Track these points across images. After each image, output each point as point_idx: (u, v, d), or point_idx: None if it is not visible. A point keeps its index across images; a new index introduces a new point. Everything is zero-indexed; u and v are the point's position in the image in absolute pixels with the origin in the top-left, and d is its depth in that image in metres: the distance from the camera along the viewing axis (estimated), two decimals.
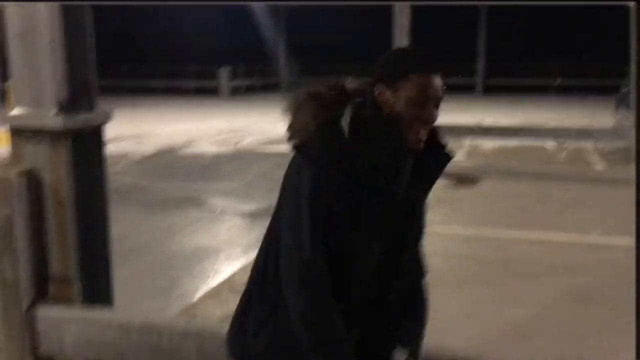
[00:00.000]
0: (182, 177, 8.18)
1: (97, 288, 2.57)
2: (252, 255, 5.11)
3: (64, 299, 2.49)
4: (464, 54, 23.88)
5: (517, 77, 23.90)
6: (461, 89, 22.83)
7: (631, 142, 9.41)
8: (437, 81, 1.41)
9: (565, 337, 3.38)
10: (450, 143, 1.54)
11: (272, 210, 1.54)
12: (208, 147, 10.87)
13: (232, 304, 4.00)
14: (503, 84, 23.58)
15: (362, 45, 24.20)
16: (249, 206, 6.48)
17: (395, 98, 1.40)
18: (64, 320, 2.43)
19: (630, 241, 5.22)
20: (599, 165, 8.87)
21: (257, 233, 5.50)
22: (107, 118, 2.66)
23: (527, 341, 3.34)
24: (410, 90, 1.39)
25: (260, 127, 13.67)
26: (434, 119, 1.43)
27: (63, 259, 2.49)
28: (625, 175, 8.37)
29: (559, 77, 23.99)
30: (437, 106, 1.43)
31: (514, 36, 24.46)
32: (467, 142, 10.61)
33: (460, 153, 9.98)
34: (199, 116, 15.90)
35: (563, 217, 5.96)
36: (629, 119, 10.39)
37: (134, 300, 3.95)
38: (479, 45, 24.62)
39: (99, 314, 2.44)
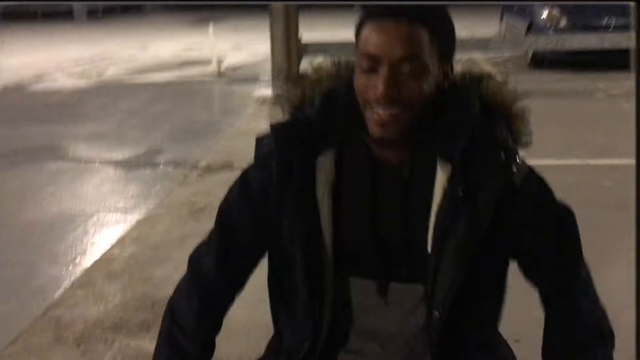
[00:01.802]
0: (35, 120, 6.74)
1: None
2: (132, 219, 4.05)
3: None
4: None
5: None
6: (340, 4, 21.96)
7: (523, 50, 9.19)
8: (395, 30, 0.98)
9: None
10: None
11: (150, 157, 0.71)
12: (65, 81, 9.26)
13: (110, 295, 3.06)
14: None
15: None
16: (122, 153, 5.34)
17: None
18: None
19: (575, 161, 4.71)
20: (498, 76, 8.52)
21: (135, 188, 4.47)
22: None
23: None
24: (358, 52, 1.03)
25: (125, 54, 12.04)
26: (385, 91, 0.98)
27: None
28: (529, 85, 8.08)
29: None
30: (396, 71, 0.98)
31: None
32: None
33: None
34: (51, 44, 13.80)
35: None
36: (516, 26, 10.15)
37: None
38: None
39: None
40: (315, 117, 1.10)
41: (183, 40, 13.64)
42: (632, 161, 5.18)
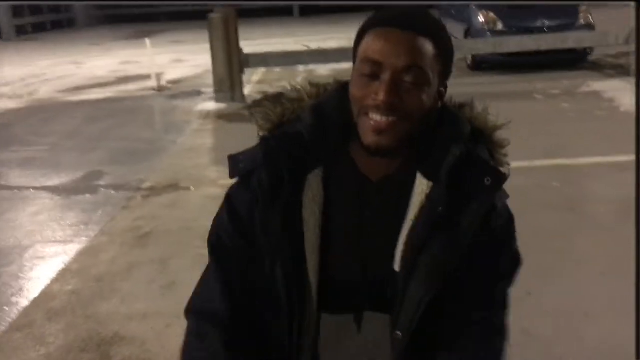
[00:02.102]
0: None
1: None
2: (73, 249, 3.78)
3: None
4: None
5: None
6: (279, 12, 21.92)
7: (463, 54, 9.32)
8: (401, 38, 0.96)
9: None
10: (284, 72, 0.85)
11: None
12: None
13: (52, 336, 2.83)
14: (320, 3, 23.05)
15: None
16: (59, 178, 5.05)
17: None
18: None
19: (522, 163, 4.74)
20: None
21: (74, 216, 4.23)
22: None
23: None
24: (359, 57, 1.00)
25: (59, 71, 11.56)
26: (386, 97, 0.95)
27: None
28: (468, 89, 8.19)
29: None
30: (399, 79, 0.96)
31: None
32: (301, 68, 9.83)
33: (300, 80, 9.18)
34: None
35: None
36: (454, 30, 10.30)
37: None
38: None
39: None
40: (306, 132, 1.05)
41: (120, 55, 13.23)
42: (577, 161, 5.27)
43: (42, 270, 3.41)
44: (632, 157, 5.26)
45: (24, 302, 3.06)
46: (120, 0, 21.62)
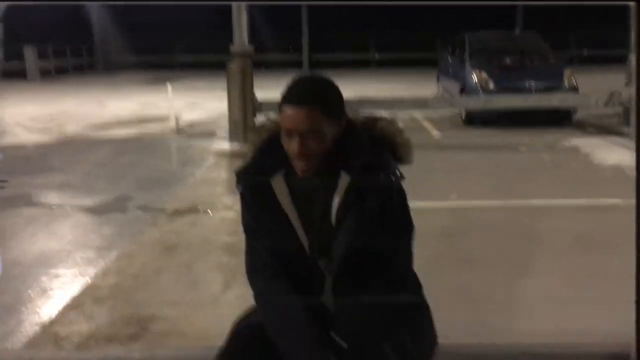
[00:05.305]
0: (3, 172, 7.07)
1: None
2: (111, 255, 4.47)
3: None
4: (289, 30, 24.02)
5: (339, 52, 24.75)
6: (290, 65, 23.09)
7: (458, 109, 10.14)
8: (299, 113, 1.53)
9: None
10: None
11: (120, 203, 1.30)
12: (27, 137, 9.58)
13: (98, 317, 3.49)
14: (327, 59, 24.22)
15: (193, 22, 23.08)
16: (93, 200, 5.74)
17: None
18: None
19: (487, 202, 5.43)
20: (434, 132, 9.38)
21: (109, 229, 4.90)
22: None
23: None
24: (281, 123, 1.59)
25: (84, 111, 12.43)
26: (300, 151, 1.55)
27: None
28: (460, 141, 9.03)
29: (376, 51, 25.30)
30: (305, 137, 1.54)
31: (335, 11, 25.08)
32: None
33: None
34: (6, 102, 14.03)
35: (419, 184, 6.13)
36: (451, 88, 11.17)
37: None
38: (302, 21, 24.95)
39: None
40: (261, 157, 1.67)
41: (140, 99, 14.14)
42: (551, 202, 5.96)
43: (86, 269, 4.06)
44: (593, 201, 5.84)
45: (73, 291, 3.70)
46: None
